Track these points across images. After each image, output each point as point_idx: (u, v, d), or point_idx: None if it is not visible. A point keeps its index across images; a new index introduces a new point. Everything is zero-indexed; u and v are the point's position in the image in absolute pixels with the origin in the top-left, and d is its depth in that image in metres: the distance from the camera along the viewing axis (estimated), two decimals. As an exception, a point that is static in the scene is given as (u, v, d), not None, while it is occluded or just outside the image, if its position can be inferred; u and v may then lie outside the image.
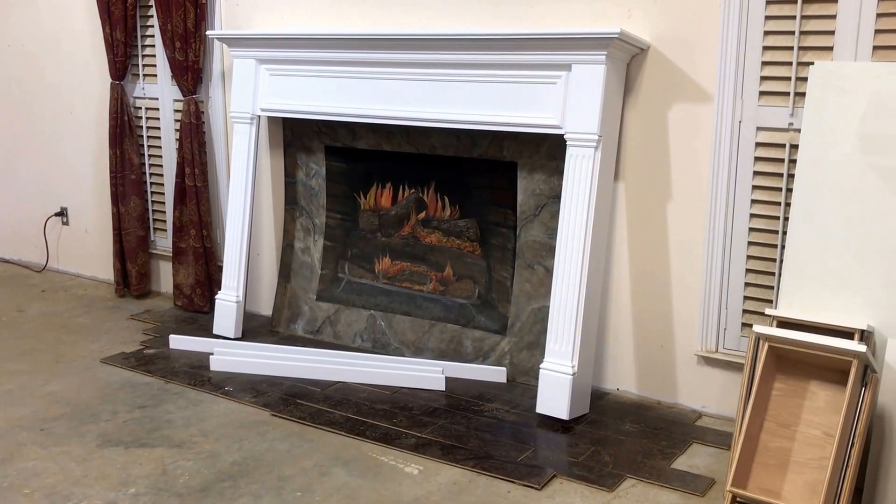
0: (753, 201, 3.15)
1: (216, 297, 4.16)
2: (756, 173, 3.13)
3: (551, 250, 3.48)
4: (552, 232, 3.49)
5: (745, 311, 3.22)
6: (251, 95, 4.01)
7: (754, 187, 3.14)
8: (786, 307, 2.86)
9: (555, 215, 3.46)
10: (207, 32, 4.15)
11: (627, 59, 3.32)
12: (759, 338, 2.71)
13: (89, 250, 5.16)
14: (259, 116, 4.05)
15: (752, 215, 3.16)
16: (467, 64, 3.42)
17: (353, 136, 3.98)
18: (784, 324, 2.81)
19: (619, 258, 3.47)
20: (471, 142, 3.67)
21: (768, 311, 2.85)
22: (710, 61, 3.16)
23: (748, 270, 3.19)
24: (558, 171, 3.44)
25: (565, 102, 3.23)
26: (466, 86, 3.44)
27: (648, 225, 3.39)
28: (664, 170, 3.33)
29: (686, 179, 3.29)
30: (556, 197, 3.46)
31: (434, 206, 3.89)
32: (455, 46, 3.41)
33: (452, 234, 3.85)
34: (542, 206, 3.55)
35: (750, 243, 3.18)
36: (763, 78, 3.07)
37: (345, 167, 4.08)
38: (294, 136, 4.15)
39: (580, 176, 3.21)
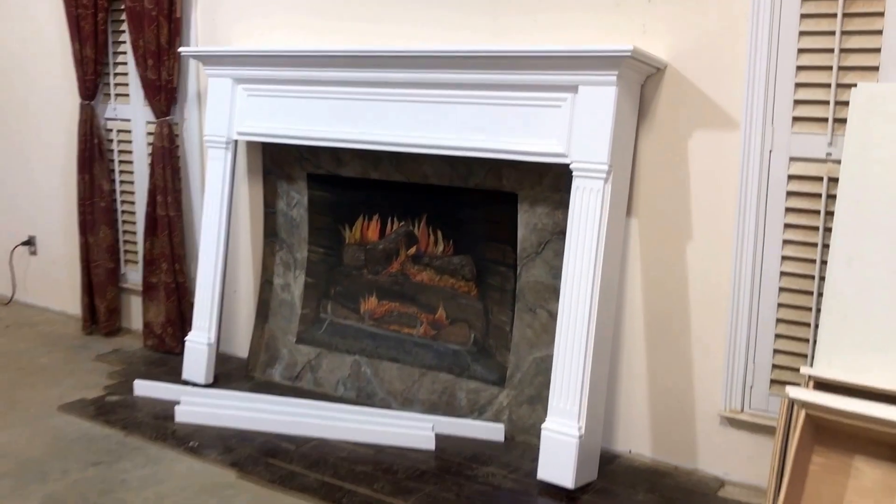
0: (786, 242, 2.80)
1: (186, 339, 3.80)
2: (789, 210, 2.78)
3: (555, 292, 3.14)
4: (556, 272, 3.15)
5: (774, 367, 2.85)
6: (227, 118, 3.67)
7: (787, 226, 2.79)
8: (824, 365, 2.49)
9: (559, 253, 3.12)
10: (180, 49, 3.81)
11: (641, 80, 2.98)
12: (795, 403, 2.33)
13: (58, 282, 4.83)
14: (235, 141, 3.72)
15: (784, 258, 2.80)
16: (463, 84, 3.09)
17: (337, 162, 3.64)
18: (822, 385, 2.44)
19: (632, 304, 3.12)
20: (466, 170, 3.33)
21: (804, 369, 2.48)
22: (736, 82, 2.83)
23: (779, 321, 2.83)
24: (563, 205, 3.11)
25: (571, 128, 2.89)
26: (462, 108, 3.12)
27: (665, 267, 3.04)
28: (683, 205, 2.98)
29: (708, 216, 2.94)
30: (561, 233, 3.12)
31: (425, 241, 3.56)
32: (450, 64, 3.09)
33: (446, 273, 3.51)
34: (546, 243, 3.20)
35: (781, 290, 2.81)
36: (797, 102, 2.74)
37: (328, 197, 3.74)
38: (274, 163, 3.81)
39: (588, 211, 2.86)
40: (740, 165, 2.84)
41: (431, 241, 3.55)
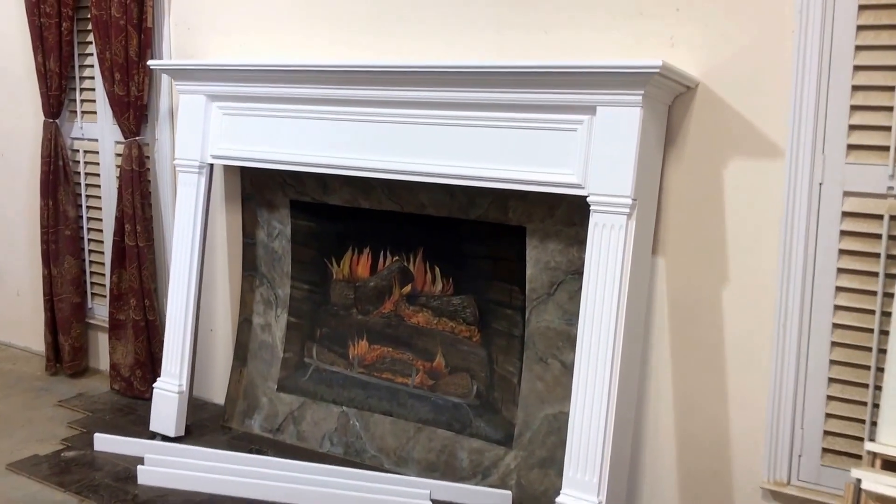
0: (839, 289, 2.42)
1: (155, 385, 3.40)
2: (843, 252, 2.41)
3: (570, 340, 2.76)
4: (571, 317, 2.77)
5: (827, 434, 2.46)
6: (200, 139, 3.29)
7: (840, 270, 2.41)
8: (889, 438, 2.12)
9: (574, 296, 2.76)
10: (149, 62, 3.43)
11: (669, 101, 2.61)
12: (865, 494, 1.95)
13: (21, 316, 4.42)
14: (210, 164, 3.33)
15: (837, 307, 2.42)
16: (466, 104, 2.72)
17: (324, 189, 3.26)
18: (891, 465, 2.06)
19: (658, 356, 2.74)
20: (468, 200, 2.96)
21: (868, 445, 2.11)
22: (780, 103, 2.46)
23: (831, 380, 2.45)
24: (579, 240, 2.74)
25: (588, 155, 2.52)
26: (464, 131, 2.75)
27: (697, 314, 2.67)
28: (718, 244, 2.61)
29: (747, 257, 2.57)
30: (577, 272, 2.75)
31: (422, 279, 3.18)
32: (450, 82, 2.72)
33: (444, 314, 3.13)
34: (559, 284, 2.82)
35: (834, 344, 2.44)
36: (852, 127, 2.37)
37: (314, 227, 3.36)
38: (254, 189, 3.43)
39: (608, 249, 2.49)
40: (785, 200, 2.46)
41: (428, 279, 3.17)
